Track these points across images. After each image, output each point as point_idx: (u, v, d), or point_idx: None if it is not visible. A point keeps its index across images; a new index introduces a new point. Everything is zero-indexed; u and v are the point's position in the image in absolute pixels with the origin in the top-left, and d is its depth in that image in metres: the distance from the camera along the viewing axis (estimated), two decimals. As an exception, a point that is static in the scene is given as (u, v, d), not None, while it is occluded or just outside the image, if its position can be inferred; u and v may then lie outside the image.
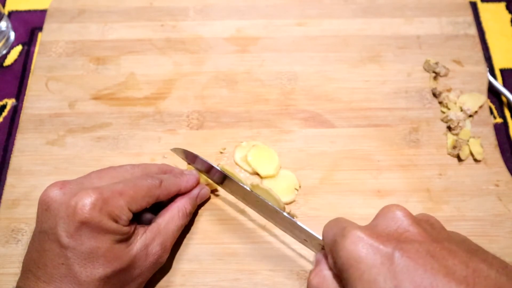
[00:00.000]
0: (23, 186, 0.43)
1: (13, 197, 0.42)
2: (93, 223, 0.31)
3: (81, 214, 0.31)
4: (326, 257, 0.31)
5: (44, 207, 0.33)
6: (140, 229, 0.35)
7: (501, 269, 0.26)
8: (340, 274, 0.29)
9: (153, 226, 0.36)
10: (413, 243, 0.27)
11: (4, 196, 0.43)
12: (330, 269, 0.30)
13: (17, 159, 0.44)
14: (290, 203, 0.42)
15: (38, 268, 0.32)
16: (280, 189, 0.42)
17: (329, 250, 0.30)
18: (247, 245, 0.40)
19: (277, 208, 0.36)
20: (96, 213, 0.31)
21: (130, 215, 0.34)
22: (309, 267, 0.39)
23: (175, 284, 0.38)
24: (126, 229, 0.33)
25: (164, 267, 0.39)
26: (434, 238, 0.28)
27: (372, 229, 0.29)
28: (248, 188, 0.38)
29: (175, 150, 0.42)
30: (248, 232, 0.41)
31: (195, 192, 0.40)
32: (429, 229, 0.29)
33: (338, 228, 0.30)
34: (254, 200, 0.38)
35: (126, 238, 0.33)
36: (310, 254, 0.39)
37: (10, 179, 0.43)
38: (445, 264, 0.26)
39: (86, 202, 0.31)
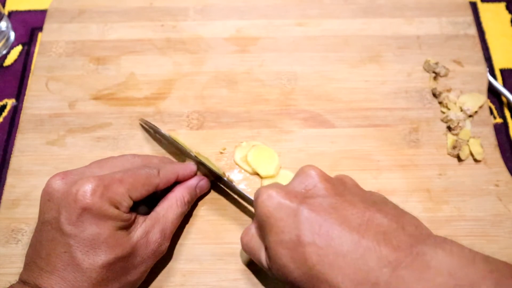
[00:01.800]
0: (23, 186, 0.43)
1: (13, 197, 0.42)
2: (95, 209, 0.32)
3: (82, 201, 0.32)
4: None
5: (47, 197, 0.33)
6: (140, 218, 0.35)
7: (395, 218, 0.29)
8: (257, 229, 0.33)
9: (152, 215, 0.36)
10: (317, 197, 0.30)
11: (4, 196, 0.43)
12: (256, 228, 0.34)
13: (17, 159, 0.44)
14: (290, 203, 0.42)
15: (41, 259, 0.32)
16: (280, 189, 0.42)
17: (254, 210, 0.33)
18: (247, 245, 0.40)
19: (218, 173, 0.40)
20: (97, 199, 0.32)
21: (131, 202, 0.34)
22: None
23: (175, 284, 0.38)
24: (127, 215, 0.34)
25: (164, 267, 0.39)
26: (338, 192, 0.31)
27: (284, 188, 0.32)
28: (193, 155, 0.40)
29: (142, 120, 0.45)
30: (248, 232, 0.41)
31: (193, 181, 0.40)
32: (338, 185, 0.32)
33: (259, 190, 0.33)
34: (201, 166, 0.41)
35: (127, 226, 0.34)
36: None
37: (10, 179, 0.43)
38: (343, 214, 0.29)
39: (87, 188, 0.32)
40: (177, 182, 0.39)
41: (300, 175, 0.33)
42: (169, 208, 0.37)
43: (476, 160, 0.44)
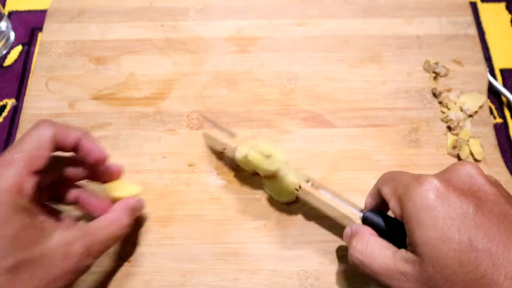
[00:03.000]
0: (23, 186, 0.43)
1: (13, 197, 0.42)
2: None
3: None
4: (366, 225, 0.34)
5: None
6: (62, 224, 0.32)
7: None
8: (406, 218, 0.30)
9: (81, 227, 0.33)
10: (487, 202, 0.29)
11: (4, 196, 0.42)
12: (372, 234, 0.33)
13: (17, 159, 0.44)
14: (290, 203, 0.42)
15: None
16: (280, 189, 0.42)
17: (396, 195, 0.31)
18: (247, 245, 0.40)
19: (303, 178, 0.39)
20: None
21: (35, 178, 0.31)
22: (310, 267, 0.39)
23: (175, 284, 0.38)
24: (34, 208, 0.31)
25: (164, 267, 0.39)
26: (506, 200, 0.29)
27: (448, 181, 0.30)
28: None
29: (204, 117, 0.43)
30: (248, 232, 0.41)
31: (131, 202, 0.37)
32: (502, 190, 0.30)
33: (409, 175, 0.32)
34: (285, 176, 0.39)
35: (37, 224, 0.31)
36: (310, 254, 0.39)
37: (10, 179, 0.43)
38: None
39: None
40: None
41: (458, 170, 0.31)
42: (104, 227, 0.34)
43: (476, 160, 0.44)
